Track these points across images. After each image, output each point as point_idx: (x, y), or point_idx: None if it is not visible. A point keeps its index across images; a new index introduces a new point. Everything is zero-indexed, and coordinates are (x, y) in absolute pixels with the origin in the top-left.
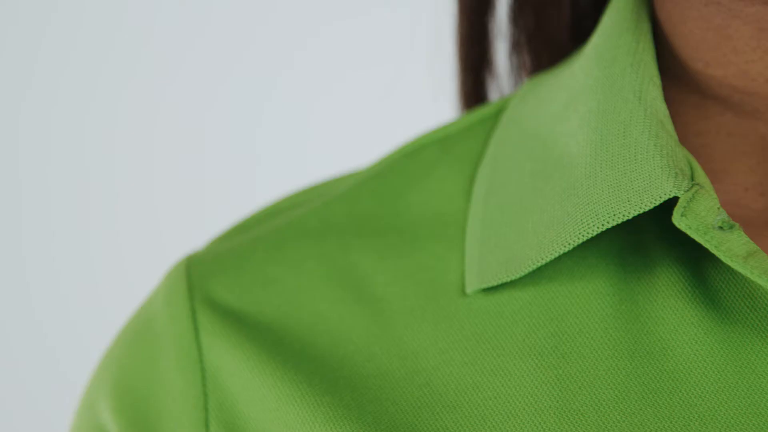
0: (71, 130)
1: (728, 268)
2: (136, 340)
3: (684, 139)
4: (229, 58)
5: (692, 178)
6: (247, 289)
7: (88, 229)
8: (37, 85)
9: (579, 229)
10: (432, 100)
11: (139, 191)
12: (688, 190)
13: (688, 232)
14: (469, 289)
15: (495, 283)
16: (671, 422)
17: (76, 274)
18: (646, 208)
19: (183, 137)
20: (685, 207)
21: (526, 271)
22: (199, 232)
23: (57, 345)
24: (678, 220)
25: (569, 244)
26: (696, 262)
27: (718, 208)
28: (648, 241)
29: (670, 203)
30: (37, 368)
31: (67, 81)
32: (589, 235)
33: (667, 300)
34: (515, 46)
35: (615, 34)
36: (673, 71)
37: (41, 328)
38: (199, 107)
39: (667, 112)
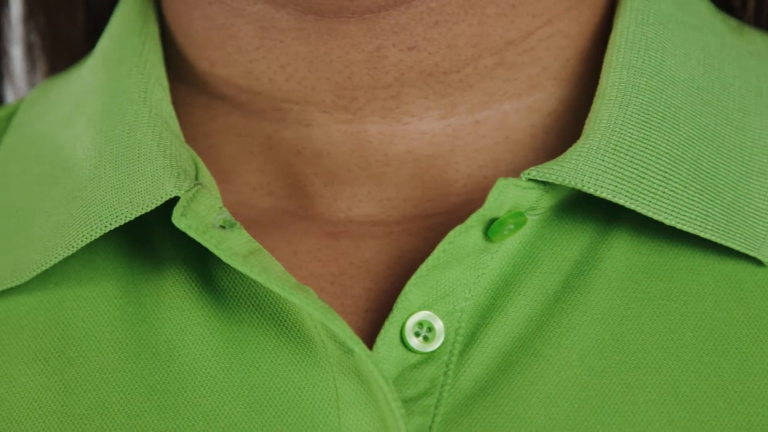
0: None
1: (232, 267)
2: None
3: (193, 139)
4: None
5: (197, 178)
6: None
7: None
8: None
9: (82, 232)
10: None
11: None
12: (189, 190)
13: (188, 232)
14: None
15: (1, 289)
16: (176, 422)
17: None
18: (149, 209)
19: None
20: (185, 207)
21: (31, 276)
22: None
23: None
24: (178, 219)
25: (73, 246)
26: (204, 262)
27: (220, 207)
28: (158, 242)
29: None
30: None
31: None
32: (93, 237)
33: (174, 301)
34: (29, 48)
35: (122, 36)
36: (183, 72)
37: None
38: None
39: (173, 113)
